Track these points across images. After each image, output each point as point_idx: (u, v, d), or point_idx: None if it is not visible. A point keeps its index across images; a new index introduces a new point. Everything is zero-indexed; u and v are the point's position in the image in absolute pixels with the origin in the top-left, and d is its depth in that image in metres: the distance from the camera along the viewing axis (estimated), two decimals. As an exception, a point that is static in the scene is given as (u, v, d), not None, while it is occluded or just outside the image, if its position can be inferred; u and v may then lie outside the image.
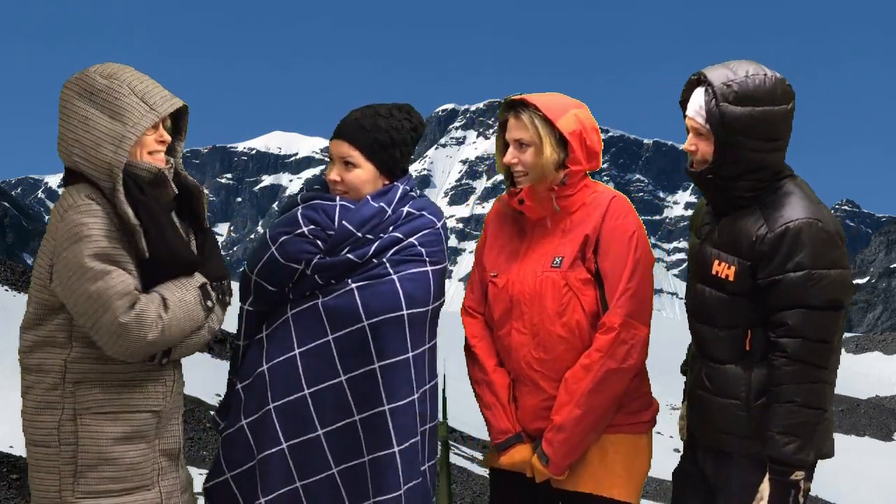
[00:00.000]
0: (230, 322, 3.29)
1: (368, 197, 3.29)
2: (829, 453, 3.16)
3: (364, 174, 3.28)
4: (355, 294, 3.19)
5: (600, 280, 3.23)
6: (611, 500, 3.27)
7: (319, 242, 3.21)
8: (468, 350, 3.40)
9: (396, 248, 3.25)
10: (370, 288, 3.20)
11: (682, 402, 3.54)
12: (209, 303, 3.04)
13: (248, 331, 3.30)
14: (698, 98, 3.12)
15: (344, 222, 3.24)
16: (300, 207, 3.29)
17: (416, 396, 3.17)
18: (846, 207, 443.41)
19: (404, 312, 3.17)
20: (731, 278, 3.10)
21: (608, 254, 3.22)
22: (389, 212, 3.27)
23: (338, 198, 3.29)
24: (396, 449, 3.14)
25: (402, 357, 3.16)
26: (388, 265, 3.23)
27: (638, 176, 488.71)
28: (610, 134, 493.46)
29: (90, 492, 2.93)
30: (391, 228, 3.26)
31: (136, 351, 2.89)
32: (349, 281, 3.21)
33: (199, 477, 9.14)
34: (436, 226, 3.31)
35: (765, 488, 3.08)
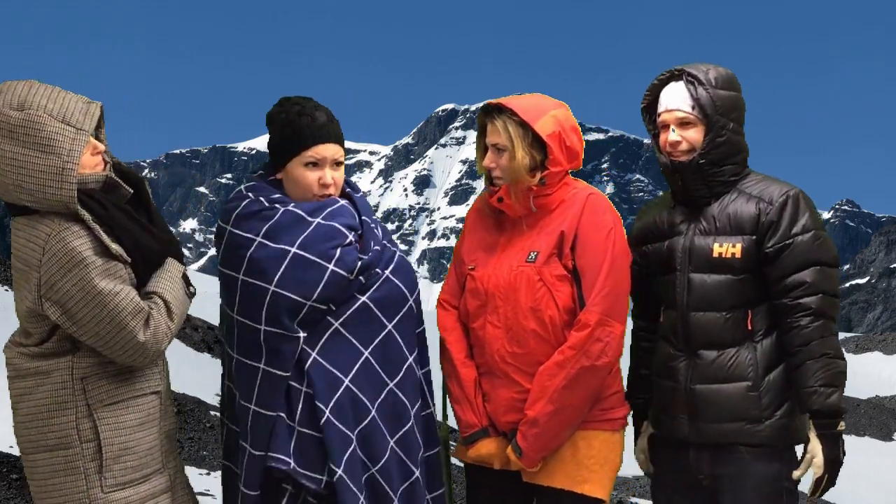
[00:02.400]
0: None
1: (347, 188, 3.37)
2: None
3: (343, 168, 3.35)
4: (393, 280, 3.26)
5: (577, 277, 3.26)
6: (582, 496, 3.29)
7: (358, 245, 3.25)
8: (441, 341, 3.43)
9: (381, 229, 3.37)
10: (398, 269, 3.29)
11: (639, 436, 3.57)
12: (191, 288, 3.10)
13: (292, 361, 3.13)
14: (679, 90, 3.32)
15: (364, 217, 3.30)
16: (324, 219, 3.21)
17: None
18: (846, 207, 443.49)
19: (418, 281, 3.36)
20: (738, 255, 3.25)
21: (585, 251, 3.26)
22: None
23: (337, 201, 3.28)
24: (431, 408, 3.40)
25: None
26: (388, 244, 3.34)
27: (638, 176, 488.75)
28: (610, 134, 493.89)
29: (117, 483, 2.93)
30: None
31: (150, 361, 2.94)
32: (377, 270, 3.25)
33: (198, 477, 9.14)
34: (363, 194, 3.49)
35: (815, 446, 3.19)
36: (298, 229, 3.18)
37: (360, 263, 3.19)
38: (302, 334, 3.12)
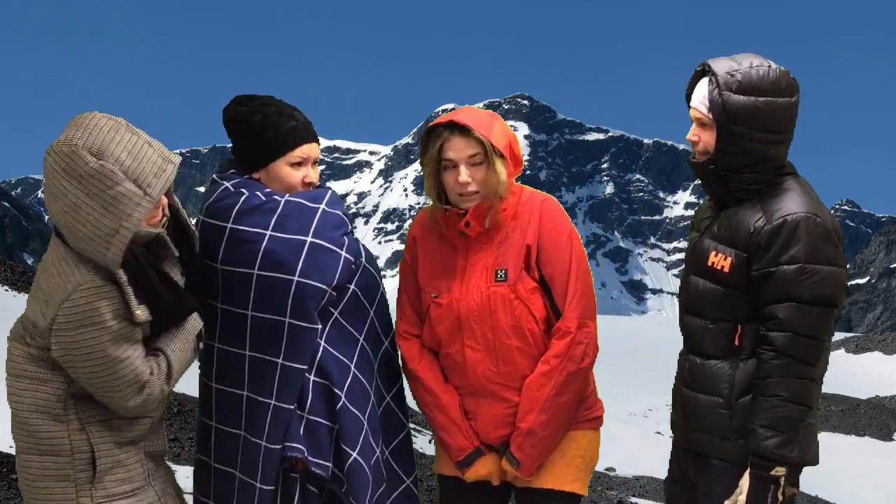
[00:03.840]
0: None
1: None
2: (812, 460, 3.13)
3: None
4: (368, 268, 3.31)
5: (545, 285, 3.25)
6: (562, 493, 3.32)
7: None
8: (408, 372, 3.37)
9: None
10: (369, 259, 3.33)
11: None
12: (201, 344, 3.11)
13: (311, 351, 3.18)
14: (702, 88, 3.13)
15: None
16: (329, 207, 3.26)
17: None
18: (846, 207, 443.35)
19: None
20: (725, 269, 3.10)
21: (551, 259, 3.25)
22: None
23: (319, 189, 3.34)
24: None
25: None
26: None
27: (638, 176, 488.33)
28: (610, 134, 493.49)
29: (108, 495, 2.94)
30: None
31: (135, 416, 2.97)
32: (361, 259, 3.30)
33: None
34: None
35: (744, 483, 3.07)
36: (306, 218, 3.21)
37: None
38: (319, 325, 3.16)
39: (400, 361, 3.42)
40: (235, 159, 3.33)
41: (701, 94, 3.13)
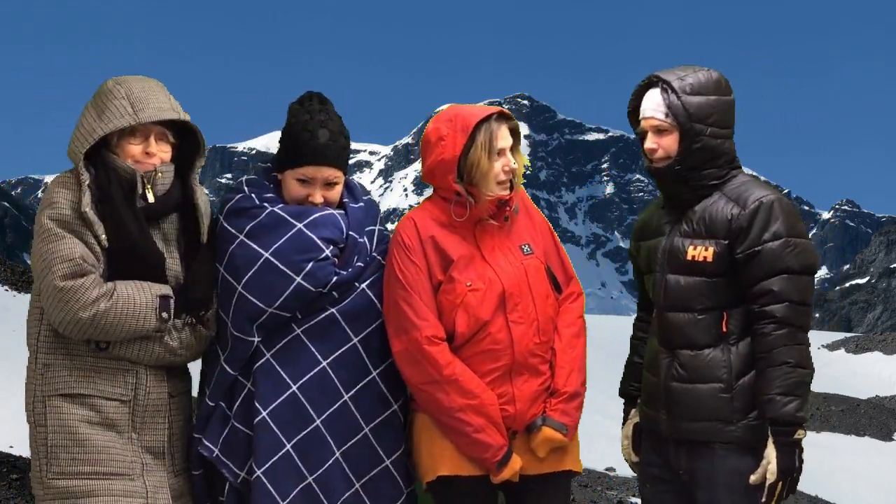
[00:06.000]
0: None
1: (346, 198, 3.36)
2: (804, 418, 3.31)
3: (341, 186, 3.34)
4: (367, 292, 3.25)
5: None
6: (565, 472, 3.44)
7: (336, 260, 3.23)
8: (446, 380, 3.25)
9: (376, 239, 3.37)
10: (377, 282, 3.27)
11: (626, 422, 3.65)
12: (164, 314, 3.05)
13: (242, 361, 3.19)
14: (654, 98, 3.37)
15: (351, 232, 3.28)
16: (306, 227, 3.19)
17: None
18: (846, 207, 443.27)
19: None
20: (708, 259, 3.28)
21: (543, 238, 3.51)
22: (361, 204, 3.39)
23: (327, 209, 3.28)
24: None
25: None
26: (379, 257, 3.34)
27: (638, 176, 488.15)
28: (610, 134, 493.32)
29: (62, 472, 2.97)
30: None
31: (70, 324, 2.93)
32: (356, 284, 3.24)
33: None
34: (370, 201, 3.45)
35: (770, 452, 3.20)
36: (277, 234, 3.18)
37: (335, 279, 3.18)
38: (256, 339, 3.15)
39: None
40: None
41: (654, 102, 3.36)
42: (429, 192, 3.58)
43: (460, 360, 3.30)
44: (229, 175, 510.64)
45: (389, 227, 3.38)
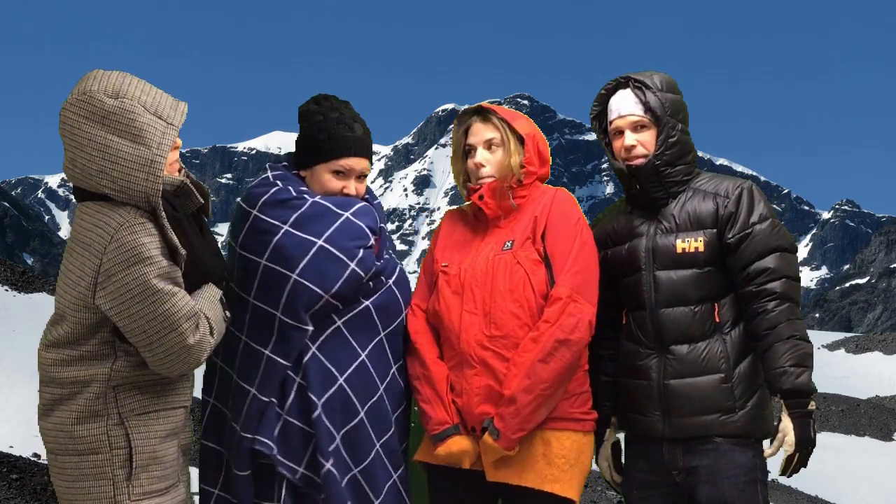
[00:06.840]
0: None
1: (365, 195, 3.42)
2: None
3: (367, 180, 3.43)
4: (394, 290, 3.33)
5: (548, 263, 3.33)
6: (552, 496, 3.26)
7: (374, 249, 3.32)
8: (410, 347, 3.40)
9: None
10: (400, 282, 3.37)
11: (603, 444, 3.55)
12: (227, 313, 3.07)
13: (296, 352, 3.18)
14: (628, 97, 3.45)
15: (381, 225, 3.38)
16: (354, 216, 3.27)
17: None
18: (846, 207, 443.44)
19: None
20: (700, 249, 3.36)
21: (556, 238, 3.34)
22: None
23: (360, 200, 3.36)
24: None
25: None
26: (391, 255, 3.41)
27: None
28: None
29: (144, 492, 2.92)
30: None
31: (187, 370, 2.92)
32: (383, 278, 3.31)
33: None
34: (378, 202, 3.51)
35: (787, 425, 3.23)
36: (327, 221, 3.23)
37: (375, 267, 3.27)
38: (311, 327, 3.16)
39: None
40: (293, 153, 3.42)
41: (630, 101, 3.44)
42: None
43: (438, 340, 3.40)
44: (229, 175, 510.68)
45: (389, 227, 3.42)
